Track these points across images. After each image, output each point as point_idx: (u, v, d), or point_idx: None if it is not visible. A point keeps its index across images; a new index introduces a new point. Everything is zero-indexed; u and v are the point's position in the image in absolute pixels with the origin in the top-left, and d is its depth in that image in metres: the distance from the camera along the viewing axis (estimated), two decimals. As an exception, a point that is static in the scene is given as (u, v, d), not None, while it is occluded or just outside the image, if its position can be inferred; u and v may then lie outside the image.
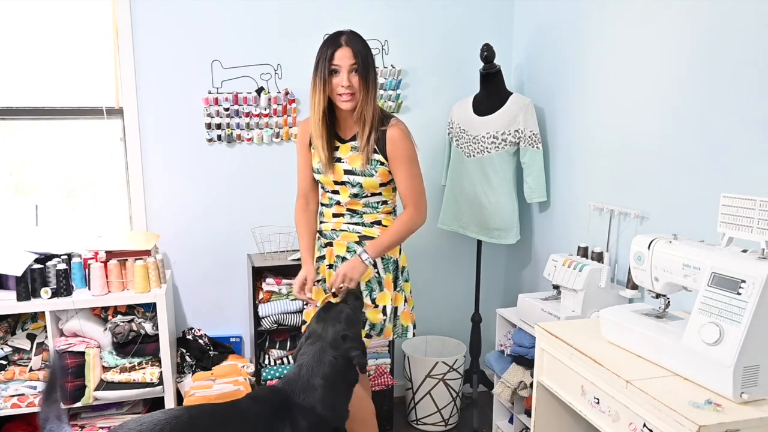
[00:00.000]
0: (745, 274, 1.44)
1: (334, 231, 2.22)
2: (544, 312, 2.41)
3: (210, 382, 2.74)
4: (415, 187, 2.13)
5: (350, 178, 2.12)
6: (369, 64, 2.04)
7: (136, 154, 2.84)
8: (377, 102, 2.09)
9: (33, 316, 2.61)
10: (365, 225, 2.18)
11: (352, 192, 2.14)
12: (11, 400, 2.46)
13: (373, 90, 2.05)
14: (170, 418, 1.56)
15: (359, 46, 2.03)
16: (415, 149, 2.14)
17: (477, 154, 2.85)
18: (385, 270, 2.19)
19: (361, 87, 2.03)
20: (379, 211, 2.18)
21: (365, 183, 2.11)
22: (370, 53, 2.06)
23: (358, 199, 2.15)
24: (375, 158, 2.09)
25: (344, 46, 2.01)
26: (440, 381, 2.98)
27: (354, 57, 2.01)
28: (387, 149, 2.08)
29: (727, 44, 1.91)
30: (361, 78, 2.02)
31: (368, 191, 2.14)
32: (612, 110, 2.46)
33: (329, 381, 1.78)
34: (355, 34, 2.06)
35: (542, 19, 2.94)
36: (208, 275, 3.04)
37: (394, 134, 2.07)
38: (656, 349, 1.64)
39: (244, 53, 2.89)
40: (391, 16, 3.05)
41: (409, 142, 2.10)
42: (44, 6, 2.72)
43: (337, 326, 1.86)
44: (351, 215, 2.19)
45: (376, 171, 2.10)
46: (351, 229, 2.19)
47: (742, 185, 1.86)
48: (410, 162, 2.11)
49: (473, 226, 2.94)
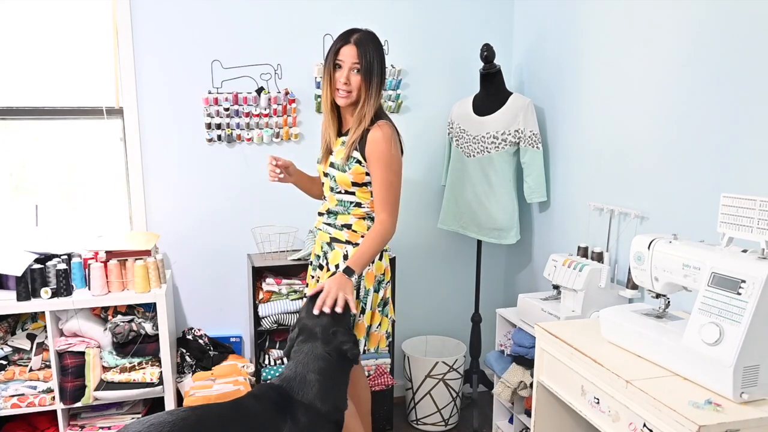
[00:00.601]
0: (745, 274, 1.44)
1: (316, 228, 2.26)
2: (544, 312, 2.41)
3: (210, 382, 2.74)
4: (388, 196, 2.07)
5: (330, 171, 2.13)
6: (374, 67, 2.01)
7: (136, 154, 2.84)
8: (378, 104, 2.08)
9: (33, 316, 2.61)
10: (336, 227, 2.17)
11: (330, 185, 2.15)
12: (11, 400, 2.46)
13: (376, 94, 2.04)
14: (177, 420, 1.56)
15: (368, 47, 2.01)
16: (396, 156, 2.07)
17: (477, 154, 2.85)
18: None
19: (361, 88, 2.03)
20: (350, 213, 2.14)
21: (338, 177, 2.10)
22: (378, 57, 2.03)
23: (333, 194, 2.15)
24: (354, 155, 2.07)
25: (352, 44, 2.01)
26: (440, 381, 2.98)
27: (358, 57, 2.00)
28: (365, 149, 2.05)
29: (727, 44, 1.91)
30: (363, 79, 2.02)
31: (341, 187, 2.12)
32: (612, 110, 2.46)
33: (325, 376, 1.79)
34: (369, 36, 2.04)
35: (542, 19, 2.94)
36: (208, 275, 3.04)
37: (374, 135, 2.04)
38: (656, 349, 1.64)
39: (244, 53, 2.89)
40: (391, 16, 3.05)
41: (387, 146, 2.04)
42: (44, 6, 2.72)
43: (325, 320, 1.85)
44: (328, 215, 2.20)
45: (350, 168, 2.08)
46: (324, 229, 2.21)
47: (742, 185, 1.86)
48: (386, 167, 2.05)
49: (473, 226, 2.94)
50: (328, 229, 2.19)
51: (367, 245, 2.04)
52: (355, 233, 2.14)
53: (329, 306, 1.87)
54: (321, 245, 2.23)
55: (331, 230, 2.18)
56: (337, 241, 2.16)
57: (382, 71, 2.06)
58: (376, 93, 2.05)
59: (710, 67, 1.97)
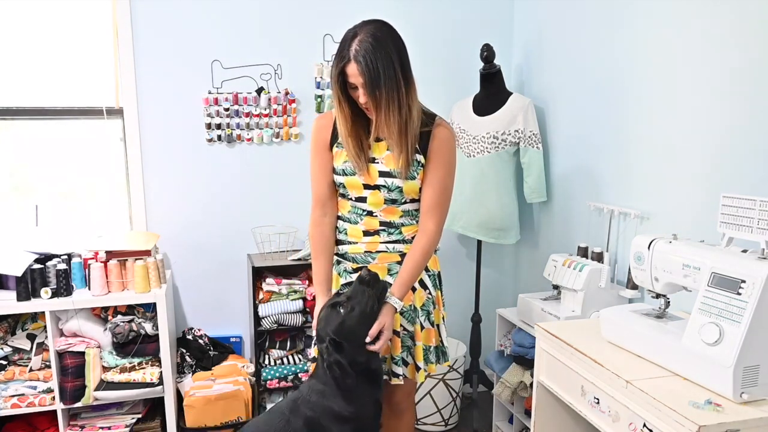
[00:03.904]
0: (745, 274, 1.44)
1: (368, 253, 1.90)
2: (544, 312, 2.41)
3: (210, 382, 2.74)
4: (442, 202, 1.85)
5: (387, 181, 1.83)
6: (379, 79, 1.69)
7: (136, 154, 2.84)
8: (407, 111, 1.77)
9: (33, 316, 2.61)
10: (406, 242, 1.89)
11: (389, 198, 1.85)
12: (11, 400, 2.46)
13: (393, 106, 1.73)
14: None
15: (367, 59, 1.69)
16: (456, 160, 1.88)
17: (477, 154, 2.85)
18: (435, 287, 1.98)
19: (372, 106, 1.74)
20: (417, 222, 1.90)
21: (406, 187, 1.83)
22: (382, 62, 1.69)
23: (396, 205, 1.86)
24: (417, 158, 1.82)
25: (352, 62, 1.70)
26: (440, 381, 2.98)
27: (361, 75, 1.70)
28: (430, 146, 1.81)
29: (726, 44, 1.91)
30: (370, 97, 1.72)
31: (408, 197, 1.85)
32: (612, 110, 2.46)
33: (330, 386, 1.76)
34: (367, 42, 1.71)
35: (542, 19, 2.94)
36: (208, 275, 3.04)
37: (443, 134, 1.82)
38: (656, 349, 1.64)
39: (244, 53, 2.89)
40: (391, 16, 3.02)
41: (453, 148, 1.86)
42: (44, 6, 2.72)
43: (329, 329, 1.74)
44: (387, 232, 1.88)
45: (418, 173, 1.83)
46: (391, 249, 1.89)
47: (742, 185, 1.86)
48: (448, 170, 1.85)
49: (473, 226, 2.93)
50: (395, 247, 1.89)
51: (411, 267, 1.82)
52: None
53: (379, 350, 1.74)
54: (387, 268, 1.91)
55: (400, 247, 1.89)
56: None
57: (402, 69, 1.74)
58: (393, 104, 1.73)
59: (710, 66, 1.97)
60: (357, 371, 1.74)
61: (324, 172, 1.92)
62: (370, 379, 1.79)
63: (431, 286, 1.97)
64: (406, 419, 2.11)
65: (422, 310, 1.94)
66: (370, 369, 1.78)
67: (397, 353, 1.92)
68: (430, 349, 1.97)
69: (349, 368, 1.72)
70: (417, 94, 1.81)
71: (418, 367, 1.95)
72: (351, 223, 1.92)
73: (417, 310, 1.93)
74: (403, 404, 2.07)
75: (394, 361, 1.93)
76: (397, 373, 1.92)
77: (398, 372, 1.92)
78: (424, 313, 1.95)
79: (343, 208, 1.94)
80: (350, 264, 1.94)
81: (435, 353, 2.00)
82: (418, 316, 1.94)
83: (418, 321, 1.94)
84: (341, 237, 1.95)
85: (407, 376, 1.96)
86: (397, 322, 1.88)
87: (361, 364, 1.75)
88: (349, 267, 1.94)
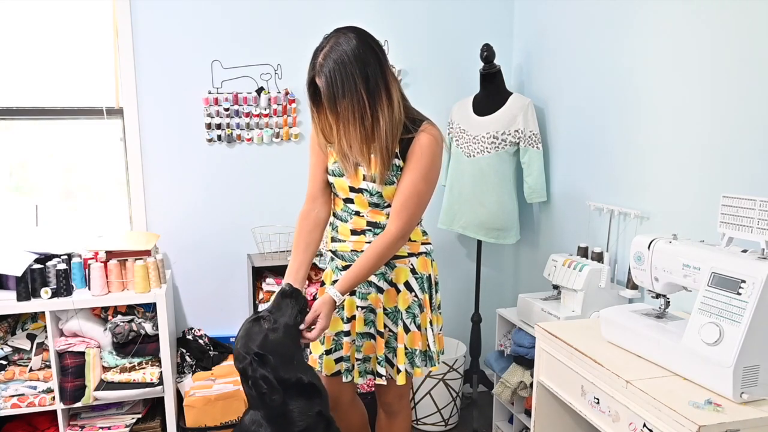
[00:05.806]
0: (745, 274, 1.44)
1: (354, 252, 1.92)
2: (544, 312, 2.41)
3: (210, 382, 2.74)
4: (409, 204, 1.82)
5: (369, 185, 1.86)
6: (338, 92, 1.69)
7: (136, 154, 2.84)
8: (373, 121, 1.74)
9: (33, 316, 2.61)
10: None
11: (371, 201, 1.88)
12: (11, 400, 2.46)
13: (352, 117, 1.72)
14: None
15: (328, 74, 1.70)
16: (437, 167, 1.85)
17: (477, 154, 2.85)
18: (422, 290, 1.96)
19: (332, 118, 1.76)
20: None
21: (386, 192, 1.85)
22: (341, 75, 1.69)
23: (380, 209, 1.89)
24: (396, 163, 1.82)
25: (317, 75, 1.74)
26: (440, 381, 2.98)
27: (324, 88, 1.73)
28: (409, 151, 1.81)
29: (726, 44, 1.91)
30: (329, 109, 1.74)
31: (389, 201, 1.87)
32: (612, 110, 2.46)
33: (266, 408, 1.72)
34: (330, 56, 1.71)
35: (542, 19, 2.94)
36: (208, 275, 3.04)
37: (422, 139, 1.79)
38: (656, 349, 1.64)
39: (244, 53, 2.89)
40: (391, 16, 3.05)
41: (432, 152, 1.81)
42: (44, 6, 2.72)
43: (253, 344, 1.69)
44: (373, 232, 1.90)
45: (397, 177, 1.84)
46: None
47: (742, 185, 1.86)
48: (421, 174, 1.81)
49: (473, 226, 2.93)
50: None
51: (360, 264, 1.81)
52: (415, 242, 1.94)
53: (314, 338, 1.77)
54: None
55: None
56: (398, 257, 1.92)
57: (366, 82, 1.70)
58: (372, 105, 1.72)
59: (711, 66, 1.97)
60: (288, 387, 1.69)
61: (318, 169, 1.97)
62: (307, 395, 1.75)
63: (418, 289, 1.95)
64: (399, 421, 2.13)
65: (407, 312, 1.94)
66: (303, 384, 1.74)
67: (381, 353, 1.96)
68: (415, 352, 1.96)
69: (276, 383, 1.66)
70: (395, 102, 1.77)
71: (399, 369, 1.96)
72: (342, 221, 1.96)
73: (400, 311, 1.94)
74: (395, 406, 2.10)
75: (378, 361, 1.97)
76: (380, 373, 1.97)
77: (381, 372, 1.97)
78: (410, 315, 1.94)
79: (337, 205, 1.99)
80: (341, 261, 1.98)
81: (421, 357, 1.97)
82: (401, 318, 1.94)
83: (401, 323, 1.94)
84: (334, 234, 2.00)
85: (392, 377, 2.00)
86: (380, 322, 1.95)
87: (290, 380, 1.70)
88: (340, 265, 1.98)
